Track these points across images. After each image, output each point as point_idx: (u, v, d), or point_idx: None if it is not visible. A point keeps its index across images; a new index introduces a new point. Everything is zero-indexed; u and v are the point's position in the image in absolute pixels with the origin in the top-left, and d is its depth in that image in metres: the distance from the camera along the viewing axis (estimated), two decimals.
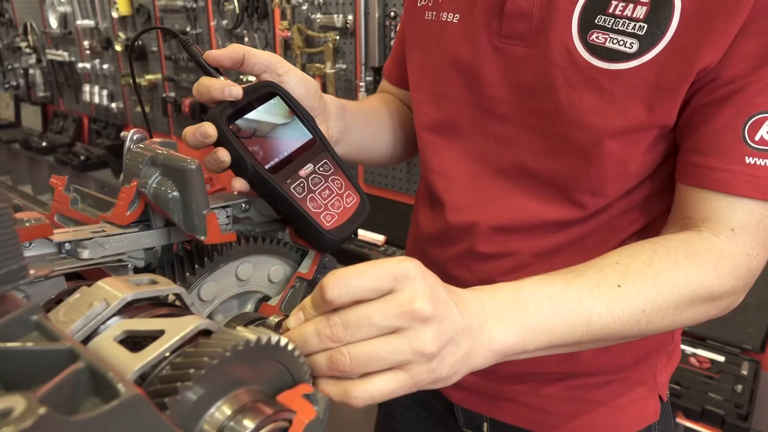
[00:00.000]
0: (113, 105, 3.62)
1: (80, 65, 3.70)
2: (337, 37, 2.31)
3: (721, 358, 1.63)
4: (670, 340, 0.71)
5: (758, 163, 0.52)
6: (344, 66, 2.33)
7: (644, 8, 0.53)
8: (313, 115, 0.60)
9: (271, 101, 0.57)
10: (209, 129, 0.51)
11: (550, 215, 0.62)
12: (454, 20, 0.66)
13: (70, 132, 4.01)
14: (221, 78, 0.55)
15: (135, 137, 0.50)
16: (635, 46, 0.54)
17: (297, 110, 0.58)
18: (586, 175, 0.59)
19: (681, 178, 0.57)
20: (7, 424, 0.23)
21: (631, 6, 0.54)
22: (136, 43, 3.22)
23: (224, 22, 2.70)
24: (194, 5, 2.85)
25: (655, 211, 0.63)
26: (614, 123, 0.55)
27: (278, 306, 0.56)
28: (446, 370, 0.42)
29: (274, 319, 0.51)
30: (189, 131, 0.52)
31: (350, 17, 2.25)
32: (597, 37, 0.55)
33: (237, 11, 2.62)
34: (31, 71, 4.11)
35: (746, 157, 0.52)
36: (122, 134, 0.51)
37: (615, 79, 0.55)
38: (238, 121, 0.54)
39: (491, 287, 0.48)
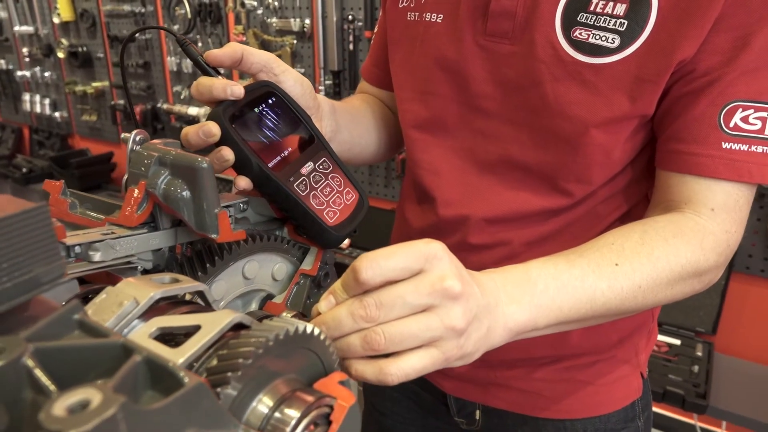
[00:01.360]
0: (57, 114, 3.48)
1: (19, 73, 3.54)
2: (295, 41, 2.31)
3: (677, 342, 1.71)
4: (650, 320, 0.75)
5: (734, 147, 0.56)
6: (303, 70, 2.33)
7: (624, 6, 0.56)
8: (309, 114, 0.60)
9: (269, 101, 0.57)
10: (213, 128, 0.51)
11: (539, 205, 0.65)
12: (438, 20, 0.68)
13: (9, 143, 3.82)
14: (220, 77, 0.55)
15: (137, 138, 0.50)
16: (617, 41, 0.57)
17: (295, 110, 0.59)
18: (572, 164, 0.62)
19: (662, 165, 0.61)
20: (90, 414, 0.23)
21: (611, 4, 0.57)
22: (80, 50, 3.11)
23: (175, 27, 2.64)
24: (143, 10, 2.78)
25: (635, 196, 0.67)
26: (599, 114, 0.59)
27: (284, 303, 0.56)
28: (471, 346, 0.44)
29: (287, 315, 0.51)
30: (191, 130, 0.52)
31: (307, 21, 2.24)
32: (580, 34, 0.58)
33: (189, 16, 2.57)
34: None
35: (723, 143, 0.57)
36: (123, 136, 0.50)
37: (599, 72, 0.58)
38: (240, 120, 0.54)
39: (501, 269, 0.50)
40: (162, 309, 0.40)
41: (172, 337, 0.37)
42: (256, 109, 0.56)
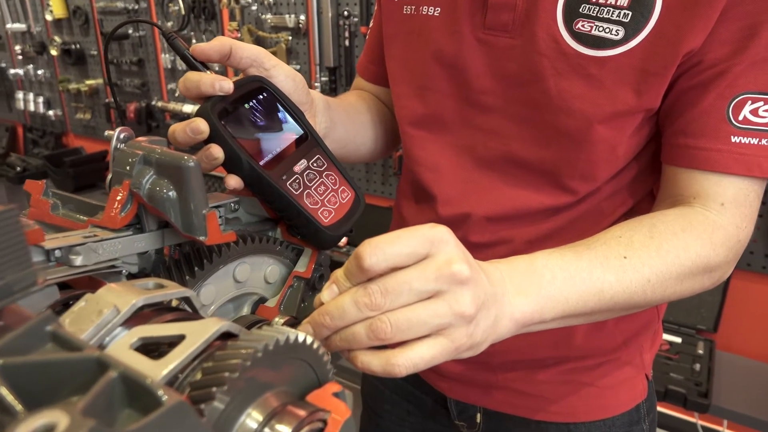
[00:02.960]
0: (50, 112, 3.45)
1: (12, 71, 3.50)
2: (290, 38, 2.28)
3: (678, 339, 1.70)
4: (655, 320, 0.73)
5: (743, 141, 0.54)
6: (298, 67, 2.30)
7: None
8: (302, 110, 0.58)
9: (260, 96, 0.55)
10: (201, 125, 0.49)
11: (542, 202, 0.63)
12: (435, 14, 0.66)
13: (2, 142, 3.78)
14: (208, 72, 0.53)
15: (121, 136, 0.47)
16: (621, 33, 0.55)
17: (287, 105, 0.56)
18: (576, 161, 0.60)
19: (669, 160, 0.59)
20: None
21: None
22: (74, 47, 3.08)
23: (169, 24, 2.62)
24: (136, 6, 2.75)
25: (641, 192, 0.65)
26: (604, 109, 0.57)
27: (277, 307, 0.54)
28: (480, 335, 0.42)
29: (279, 320, 0.49)
30: (178, 127, 0.50)
31: (302, 17, 2.22)
32: (582, 26, 0.56)
33: (183, 12, 2.54)
34: None
35: (732, 137, 0.55)
36: (107, 134, 0.48)
37: (603, 65, 0.56)
38: (229, 117, 0.51)
39: (506, 260, 0.49)
40: (146, 316, 0.38)
41: (155, 347, 0.35)
42: (246, 105, 0.53)
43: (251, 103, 0.54)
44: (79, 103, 3.29)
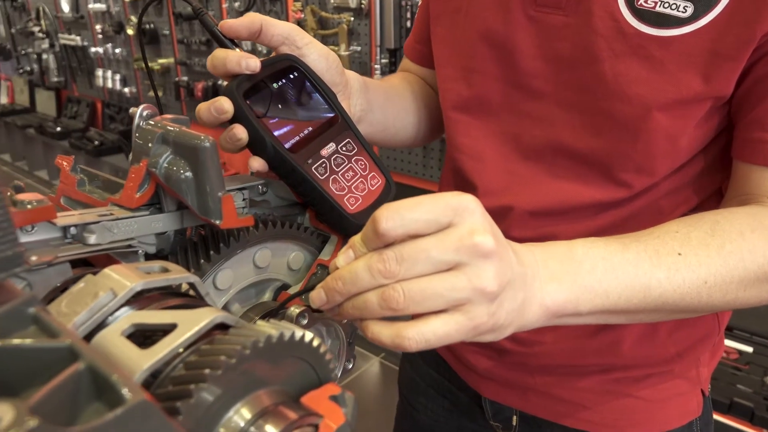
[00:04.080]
0: (126, 90, 3.60)
1: (93, 50, 3.68)
2: (352, 18, 2.26)
3: (749, 349, 1.58)
4: (716, 332, 0.66)
5: None
6: (359, 48, 2.28)
7: None
8: (335, 91, 0.56)
9: (290, 76, 0.53)
10: (225, 104, 0.47)
11: (591, 197, 0.58)
12: None
13: (84, 117, 4.00)
14: (237, 50, 0.51)
15: (144, 113, 0.46)
16: (689, 10, 0.49)
17: (318, 86, 0.54)
18: (631, 152, 0.55)
19: (741, 156, 0.53)
20: None
21: None
22: (148, 27, 3.19)
23: (236, 4, 2.65)
24: None
25: (706, 190, 0.59)
26: (665, 94, 0.51)
27: None
28: (503, 318, 0.39)
29: (295, 310, 0.48)
30: (203, 107, 0.48)
31: None
32: (646, 1, 0.50)
33: None
34: (44, 56, 4.10)
35: None
36: (131, 110, 0.47)
37: (667, 46, 0.50)
38: (256, 96, 0.50)
39: (542, 243, 0.45)
40: (151, 299, 0.37)
41: (151, 334, 0.33)
42: (274, 85, 0.51)
43: (280, 83, 0.52)
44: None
